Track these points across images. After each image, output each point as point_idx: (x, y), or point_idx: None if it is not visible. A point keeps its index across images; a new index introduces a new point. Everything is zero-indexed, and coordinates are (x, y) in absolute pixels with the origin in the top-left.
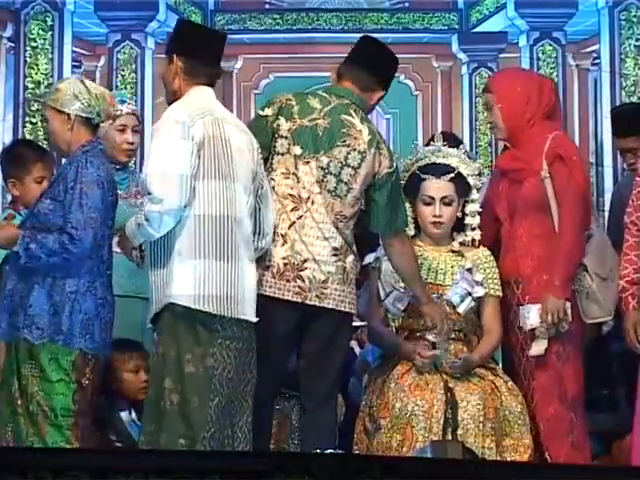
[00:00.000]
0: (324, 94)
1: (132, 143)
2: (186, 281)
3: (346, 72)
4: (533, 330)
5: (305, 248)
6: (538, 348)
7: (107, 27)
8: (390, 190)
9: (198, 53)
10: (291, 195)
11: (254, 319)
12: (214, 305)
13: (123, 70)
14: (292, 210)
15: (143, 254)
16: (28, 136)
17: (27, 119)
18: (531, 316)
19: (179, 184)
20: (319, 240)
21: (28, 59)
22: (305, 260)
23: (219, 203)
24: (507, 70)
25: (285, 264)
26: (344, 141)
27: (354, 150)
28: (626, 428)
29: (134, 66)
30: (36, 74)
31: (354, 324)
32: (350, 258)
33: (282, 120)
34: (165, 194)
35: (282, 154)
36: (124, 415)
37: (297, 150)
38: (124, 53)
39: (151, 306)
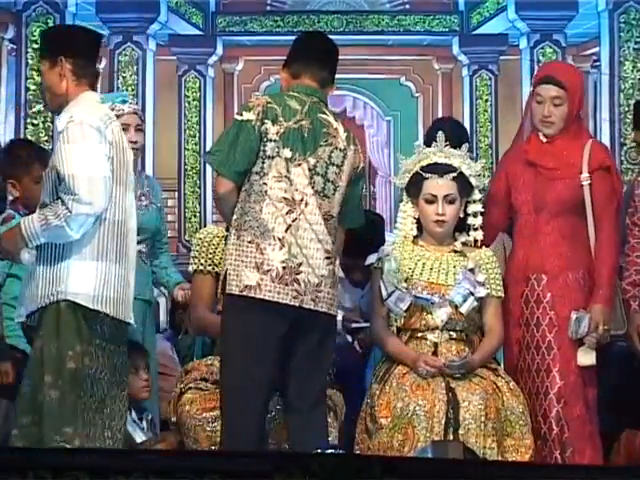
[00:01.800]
0: (296, 94)
1: (135, 142)
2: (86, 281)
3: (303, 70)
4: (580, 339)
5: (300, 251)
6: (587, 358)
7: (108, 29)
8: (361, 184)
9: (84, 54)
10: (285, 198)
11: (133, 322)
12: (111, 307)
13: (124, 72)
14: (287, 213)
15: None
16: (30, 137)
17: (29, 120)
18: (582, 325)
19: (104, 187)
20: (312, 242)
21: (30, 61)
22: (300, 264)
23: (119, 209)
24: (569, 66)
25: (284, 267)
26: (326, 140)
27: (336, 148)
28: (621, 429)
29: (135, 68)
30: (38, 76)
31: (357, 325)
32: (337, 261)
33: (269, 124)
34: (93, 196)
35: (272, 157)
36: None
37: (287, 153)
38: (125, 55)
39: (29, 301)
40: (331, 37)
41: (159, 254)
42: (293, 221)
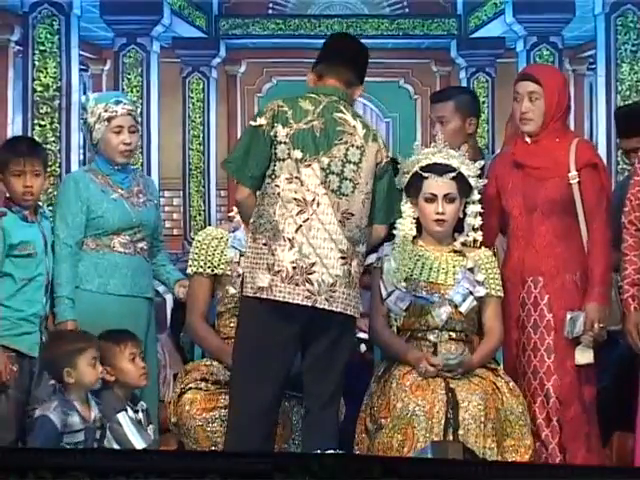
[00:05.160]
0: (313, 95)
1: (129, 144)
2: None
3: (328, 70)
4: (576, 338)
5: (313, 251)
6: (585, 357)
7: (113, 31)
8: (389, 180)
9: None
10: (295, 199)
11: None
12: None
13: (129, 74)
14: (298, 214)
15: None
16: (37, 138)
17: (36, 121)
18: (577, 324)
19: None
20: (326, 242)
21: (36, 62)
22: (313, 263)
23: None
24: (549, 66)
25: (294, 268)
26: (341, 139)
27: (352, 146)
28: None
29: (140, 69)
30: (45, 77)
31: (362, 336)
32: (355, 262)
33: (279, 127)
34: None
35: (283, 160)
36: (121, 417)
37: (298, 154)
38: (130, 57)
39: None
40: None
41: (156, 252)
42: (304, 221)
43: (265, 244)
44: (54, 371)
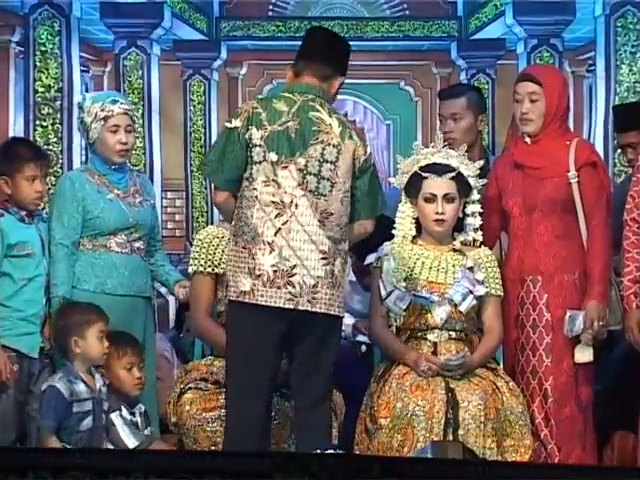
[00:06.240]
0: (287, 94)
1: (125, 143)
2: None
3: (302, 67)
4: (576, 337)
5: (293, 253)
6: (584, 355)
7: (113, 34)
8: (370, 176)
9: None
10: (273, 202)
11: None
12: None
13: (130, 76)
14: (276, 217)
15: None
16: (38, 139)
17: (37, 122)
18: (577, 323)
19: None
20: (306, 244)
21: (38, 63)
22: (294, 266)
23: None
24: (549, 66)
25: (275, 271)
26: (317, 138)
27: (328, 145)
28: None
29: (140, 72)
30: (46, 78)
31: (362, 339)
32: (338, 261)
33: (253, 129)
34: None
35: (259, 162)
36: (114, 417)
37: (273, 157)
38: (130, 59)
39: None
40: None
41: (154, 252)
42: (283, 224)
43: (245, 247)
44: (62, 340)
